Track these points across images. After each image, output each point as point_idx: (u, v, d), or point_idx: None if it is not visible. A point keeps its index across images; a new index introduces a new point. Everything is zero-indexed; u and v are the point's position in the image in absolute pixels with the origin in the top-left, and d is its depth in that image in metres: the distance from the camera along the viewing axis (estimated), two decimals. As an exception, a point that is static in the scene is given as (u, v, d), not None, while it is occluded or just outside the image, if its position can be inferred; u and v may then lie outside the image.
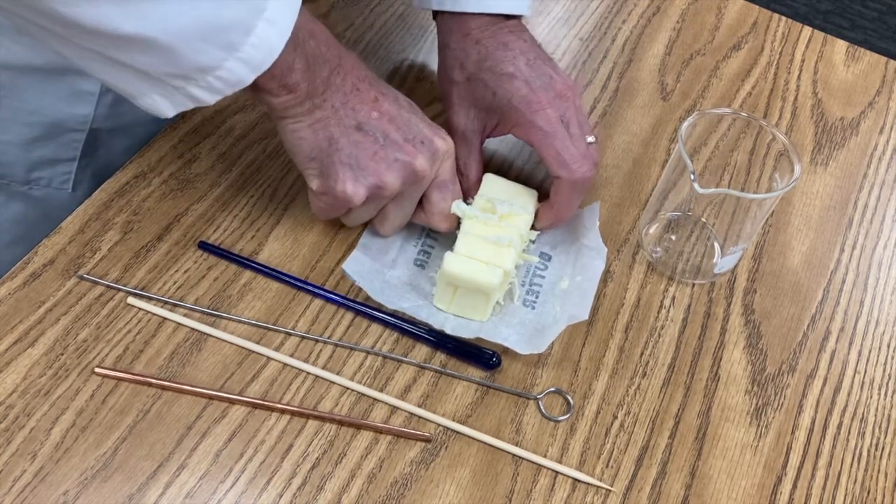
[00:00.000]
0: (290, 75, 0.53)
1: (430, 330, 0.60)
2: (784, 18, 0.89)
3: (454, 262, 0.58)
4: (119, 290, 0.59)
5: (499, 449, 0.56)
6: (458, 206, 0.61)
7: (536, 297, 0.63)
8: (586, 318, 0.59)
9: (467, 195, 0.64)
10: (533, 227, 0.64)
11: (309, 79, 0.54)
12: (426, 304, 0.61)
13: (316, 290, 0.61)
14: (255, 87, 0.52)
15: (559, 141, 0.61)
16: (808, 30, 0.88)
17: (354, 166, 0.57)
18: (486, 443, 0.56)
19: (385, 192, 0.58)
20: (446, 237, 0.64)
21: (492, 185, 0.64)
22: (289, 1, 0.50)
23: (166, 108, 0.51)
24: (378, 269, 0.62)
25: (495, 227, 0.60)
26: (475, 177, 0.65)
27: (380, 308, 0.61)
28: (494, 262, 0.58)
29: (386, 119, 0.58)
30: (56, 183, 0.72)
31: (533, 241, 0.65)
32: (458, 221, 0.62)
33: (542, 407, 0.58)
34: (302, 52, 0.53)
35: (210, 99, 0.51)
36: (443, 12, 0.66)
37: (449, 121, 0.66)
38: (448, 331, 0.59)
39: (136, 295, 0.59)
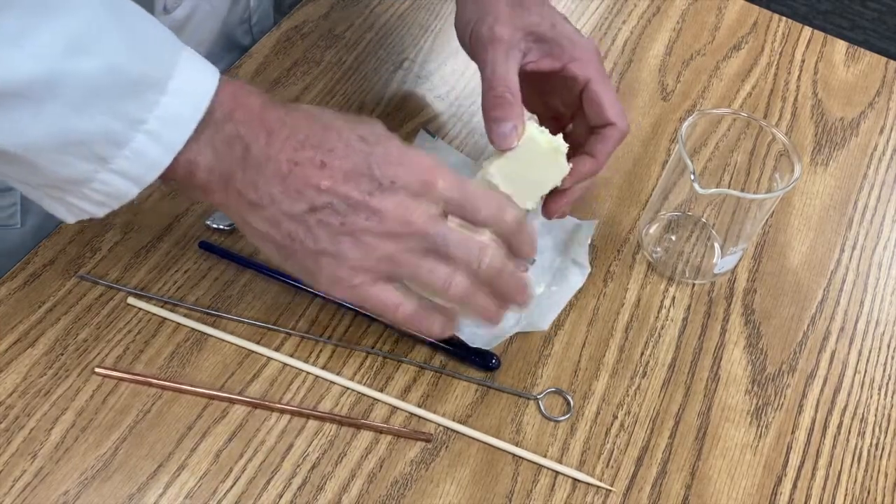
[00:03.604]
0: (195, 173, 0.46)
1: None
2: (784, 19, 0.89)
3: None
4: (119, 290, 0.59)
5: (499, 449, 0.56)
6: None
7: None
8: (545, 329, 0.60)
9: (505, 116, 0.55)
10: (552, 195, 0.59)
11: (222, 172, 0.46)
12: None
13: (316, 291, 0.61)
14: (167, 180, 0.46)
15: (612, 91, 0.58)
16: (808, 30, 0.88)
17: (331, 253, 0.47)
18: (486, 443, 0.56)
19: (390, 261, 0.48)
20: None
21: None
22: (186, 105, 0.44)
23: (66, 217, 0.47)
24: None
25: None
26: (515, 85, 0.56)
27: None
28: None
29: (340, 180, 0.47)
30: (1, 219, 0.66)
31: None
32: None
33: (542, 407, 0.58)
34: (208, 143, 0.45)
35: (97, 211, 0.46)
36: None
37: (491, 29, 0.57)
38: None
39: (136, 295, 0.59)
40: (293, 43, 0.77)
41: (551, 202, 0.60)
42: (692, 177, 0.58)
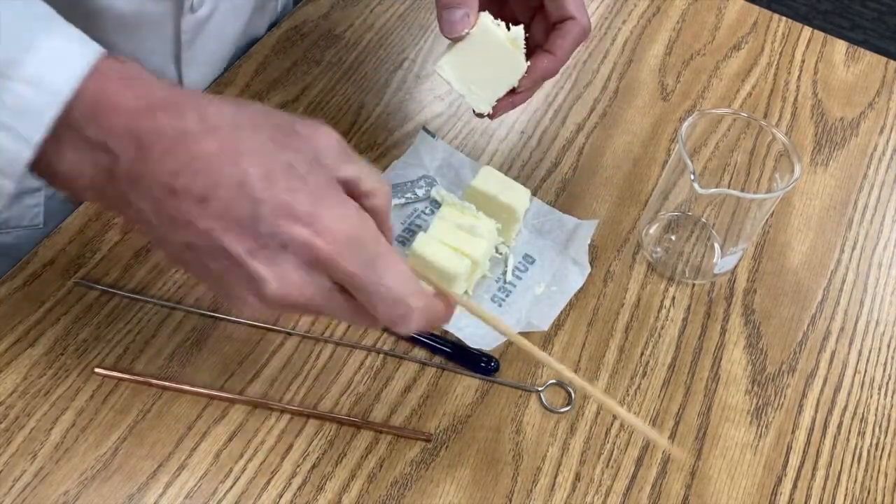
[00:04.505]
0: (68, 179, 0.41)
1: (429, 334, 0.60)
2: (784, 19, 0.89)
3: (424, 244, 0.58)
4: (114, 293, 0.59)
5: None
6: (437, 190, 0.61)
7: (507, 296, 0.63)
8: (545, 329, 0.60)
9: (457, 2, 0.54)
10: (518, 86, 0.58)
11: (91, 173, 0.40)
12: None
13: None
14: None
15: None
16: (808, 30, 0.88)
17: (222, 286, 0.42)
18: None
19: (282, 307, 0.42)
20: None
21: (487, 177, 0.63)
22: (39, 95, 0.38)
23: None
24: None
25: (471, 216, 0.60)
26: None
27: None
28: (464, 251, 0.58)
29: (220, 227, 0.40)
30: (26, 220, 0.65)
31: (505, 250, 0.65)
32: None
33: (543, 399, 0.58)
34: (72, 148, 0.40)
35: None
36: None
37: None
38: None
39: (133, 299, 0.59)
40: (293, 43, 0.77)
41: (501, 101, 0.58)
42: (692, 177, 0.58)
